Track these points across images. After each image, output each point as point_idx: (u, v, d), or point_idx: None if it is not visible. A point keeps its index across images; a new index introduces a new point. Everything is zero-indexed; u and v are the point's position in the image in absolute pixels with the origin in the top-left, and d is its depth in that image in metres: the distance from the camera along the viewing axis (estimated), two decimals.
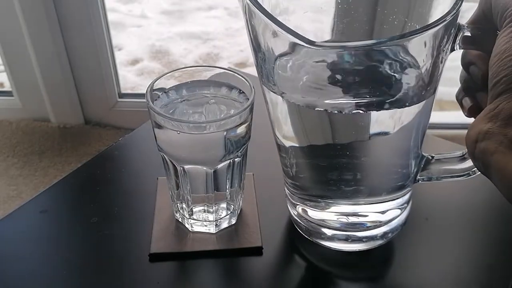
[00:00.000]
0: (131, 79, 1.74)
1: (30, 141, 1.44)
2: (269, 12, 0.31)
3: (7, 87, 1.51)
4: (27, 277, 0.40)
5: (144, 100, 0.38)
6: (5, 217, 0.46)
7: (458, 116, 1.54)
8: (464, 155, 0.39)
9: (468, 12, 0.34)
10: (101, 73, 1.41)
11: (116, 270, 0.41)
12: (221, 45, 1.96)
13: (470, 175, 0.39)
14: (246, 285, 0.40)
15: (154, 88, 0.39)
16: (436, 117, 0.43)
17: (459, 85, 0.37)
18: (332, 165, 0.39)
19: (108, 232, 0.44)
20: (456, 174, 0.39)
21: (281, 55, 0.35)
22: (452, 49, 0.33)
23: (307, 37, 0.30)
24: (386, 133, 0.36)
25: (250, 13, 0.33)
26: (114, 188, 0.50)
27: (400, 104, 0.35)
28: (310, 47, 0.30)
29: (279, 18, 0.31)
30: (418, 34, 0.30)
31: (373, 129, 0.36)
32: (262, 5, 0.31)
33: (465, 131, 0.31)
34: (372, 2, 0.41)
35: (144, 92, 0.39)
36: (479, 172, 0.36)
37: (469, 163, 0.38)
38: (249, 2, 0.31)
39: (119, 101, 1.48)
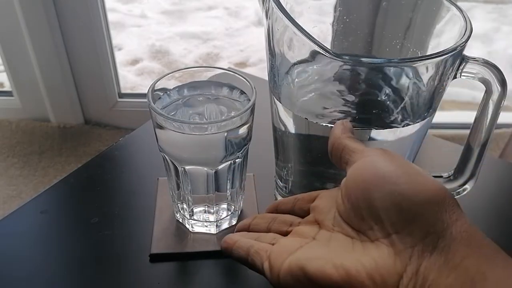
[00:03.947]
0: (131, 79, 1.74)
1: (30, 141, 1.44)
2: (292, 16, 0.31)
3: (7, 87, 1.51)
4: (28, 277, 0.40)
5: (144, 100, 0.38)
6: (5, 217, 0.45)
7: (458, 116, 1.54)
8: (450, 176, 0.39)
9: (469, 11, 0.35)
10: (101, 73, 1.41)
11: (116, 270, 0.41)
12: (221, 45, 1.96)
13: (454, 196, 0.39)
14: (247, 285, 0.40)
15: (155, 89, 0.39)
16: (436, 117, 0.43)
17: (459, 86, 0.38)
18: (323, 174, 0.39)
19: (108, 233, 0.44)
20: None
21: (297, 63, 0.36)
22: (455, 77, 0.34)
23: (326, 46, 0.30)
24: None
25: (274, 17, 0.34)
26: (115, 188, 0.50)
27: (399, 122, 0.36)
28: (329, 57, 0.30)
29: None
30: (432, 58, 0.31)
31: (370, 147, 0.36)
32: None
33: (465, 131, 0.31)
34: (371, 23, 0.42)
35: (144, 92, 0.39)
36: (464, 193, 0.38)
37: (454, 184, 0.39)
38: (274, 5, 0.32)
39: (119, 101, 1.48)
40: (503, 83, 0.34)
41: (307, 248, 0.29)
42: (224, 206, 0.43)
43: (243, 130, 0.38)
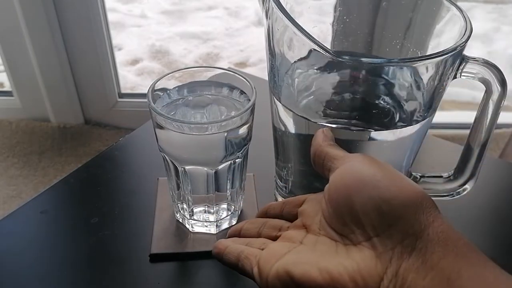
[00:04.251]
0: (131, 79, 1.74)
1: (30, 141, 1.44)
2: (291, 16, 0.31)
3: (7, 87, 1.51)
4: (28, 276, 0.40)
5: (144, 100, 0.38)
6: (5, 217, 0.45)
7: (458, 116, 1.54)
8: (450, 176, 0.39)
9: (469, 11, 0.35)
10: (101, 73, 1.41)
11: (116, 270, 0.41)
12: (221, 45, 1.96)
13: (454, 196, 0.40)
14: (247, 285, 0.40)
15: (155, 89, 0.39)
16: (436, 117, 0.43)
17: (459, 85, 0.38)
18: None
19: (108, 232, 0.44)
20: (440, 194, 0.40)
21: (297, 63, 0.36)
22: (455, 77, 0.34)
23: (325, 46, 0.30)
24: (381, 151, 0.37)
25: (274, 17, 0.34)
26: (115, 188, 0.50)
27: (399, 122, 0.36)
28: (329, 57, 0.31)
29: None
30: (432, 58, 0.31)
31: (370, 147, 0.36)
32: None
33: (465, 131, 0.31)
34: (371, 22, 0.42)
35: (144, 92, 0.39)
36: (464, 193, 0.37)
37: (454, 184, 0.39)
38: (274, 5, 0.32)
39: (119, 101, 1.48)
40: (503, 83, 0.34)
41: (294, 253, 0.30)
42: (224, 206, 0.43)
43: (243, 130, 0.38)
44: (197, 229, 0.44)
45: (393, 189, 0.27)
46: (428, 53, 0.34)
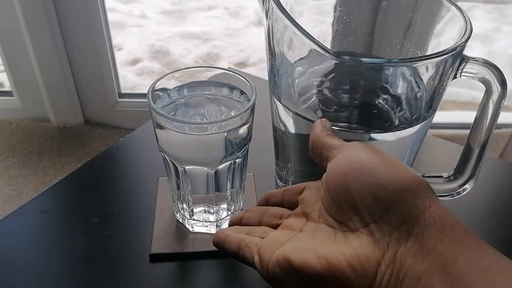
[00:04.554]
0: (131, 79, 1.74)
1: (30, 141, 1.44)
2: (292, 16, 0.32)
3: (7, 87, 1.51)
4: (27, 276, 0.40)
5: (144, 100, 0.38)
6: (5, 217, 0.45)
7: (458, 116, 1.54)
8: (450, 176, 0.39)
9: (469, 11, 0.35)
10: (101, 73, 1.41)
11: (116, 271, 0.41)
12: (221, 45, 1.96)
13: (454, 196, 0.40)
14: (246, 285, 0.40)
15: (155, 89, 0.39)
16: (436, 117, 0.44)
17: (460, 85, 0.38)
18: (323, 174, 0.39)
19: (108, 233, 0.44)
20: (440, 194, 0.40)
21: (297, 63, 0.36)
22: (455, 77, 0.34)
23: (326, 46, 0.31)
24: None
25: (274, 17, 0.34)
26: (115, 188, 0.50)
27: (399, 123, 0.36)
28: (329, 57, 0.31)
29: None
30: (432, 58, 0.31)
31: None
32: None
33: (465, 131, 0.31)
34: (371, 22, 0.42)
35: (144, 92, 0.39)
36: (464, 193, 0.37)
37: (454, 184, 0.39)
38: (274, 5, 0.32)
39: (119, 101, 1.48)
40: (503, 83, 0.34)
41: (294, 241, 0.30)
42: (224, 206, 0.43)
43: (243, 130, 0.38)
44: (197, 229, 0.44)
45: (389, 175, 0.27)
46: (428, 53, 0.34)
